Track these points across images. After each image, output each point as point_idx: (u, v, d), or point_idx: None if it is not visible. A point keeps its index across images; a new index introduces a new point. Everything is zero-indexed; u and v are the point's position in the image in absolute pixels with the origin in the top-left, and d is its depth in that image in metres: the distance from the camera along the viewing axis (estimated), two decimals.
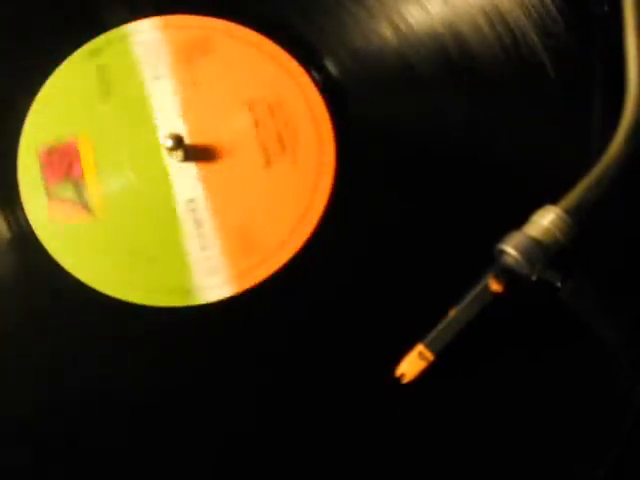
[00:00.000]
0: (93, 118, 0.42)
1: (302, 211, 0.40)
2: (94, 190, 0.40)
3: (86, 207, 0.40)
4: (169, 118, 0.42)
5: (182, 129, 0.41)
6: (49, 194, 0.40)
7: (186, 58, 0.43)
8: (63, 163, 0.40)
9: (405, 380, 0.36)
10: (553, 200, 0.37)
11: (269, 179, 0.40)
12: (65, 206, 0.40)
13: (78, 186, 0.40)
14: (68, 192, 0.40)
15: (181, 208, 0.40)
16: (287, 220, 0.40)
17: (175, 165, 0.41)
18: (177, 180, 0.40)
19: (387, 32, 0.43)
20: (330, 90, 0.42)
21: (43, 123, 0.42)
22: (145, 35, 0.43)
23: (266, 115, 0.41)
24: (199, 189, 0.40)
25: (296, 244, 0.39)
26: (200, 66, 0.42)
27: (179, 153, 0.40)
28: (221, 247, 0.39)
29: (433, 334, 0.36)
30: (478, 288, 0.37)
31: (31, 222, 0.40)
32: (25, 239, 0.39)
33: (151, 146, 0.41)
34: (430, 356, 0.36)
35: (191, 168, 0.41)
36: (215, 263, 0.39)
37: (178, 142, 0.40)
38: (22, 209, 0.40)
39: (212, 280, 0.39)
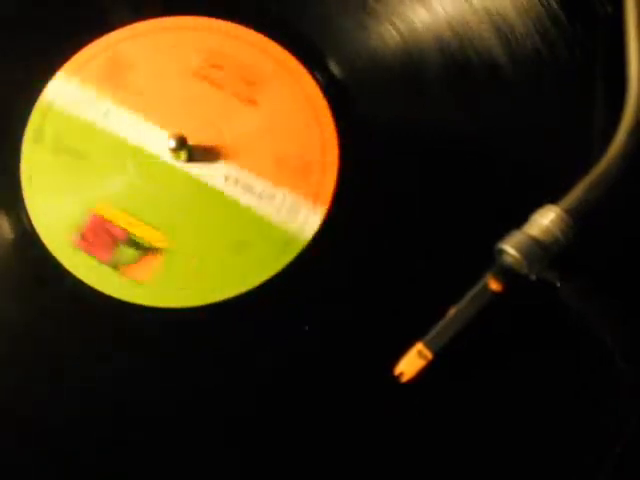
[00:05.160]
0: (92, 186, 0.41)
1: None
2: (144, 232, 0.40)
3: (152, 250, 0.40)
4: (149, 134, 0.42)
5: (169, 135, 0.41)
6: (116, 267, 0.40)
7: (110, 82, 0.43)
8: (103, 238, 0.40)
9: (404, 379, 0.36)
10: (553, 199, 0.37)
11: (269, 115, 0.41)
12: (138, 264, 0.40)
13: (133, 242, 0.40)
14: (129, 252, 0.40)
15: (225, 190, 0.40)
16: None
17: (186, 165, 0.41)
18: (201, 172, 0.41)
19: (390, 33, 0.43)
20: (333, 91, 0.42)
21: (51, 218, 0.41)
22: (64, 89, 0.43)
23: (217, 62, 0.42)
24: (222, 166, 0.41)
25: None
26: (128, 79, 0.43)
27: (183, 153, 0.40)
28: (282, 187, 0.40)
29: (432, 333, 0.36)
30: (478, 287, 0.37)
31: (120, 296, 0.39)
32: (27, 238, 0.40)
33: (158, 164, 0.41)
34: (429, 355, 0.36)
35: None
36: (290, 201, 0.40)
37: (181, 143, 0.40)
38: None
39: (301, 216, 0.40)
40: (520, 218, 0.38)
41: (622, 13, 0.41)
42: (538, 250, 0.36)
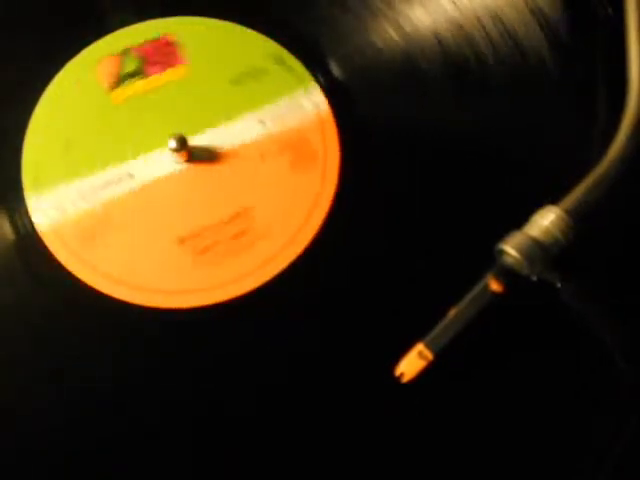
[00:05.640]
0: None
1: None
2: None
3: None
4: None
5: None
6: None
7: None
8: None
9: (404, 379, 0.36)
10: (554, 200, 0.38)
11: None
12: None
13: None
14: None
15: None
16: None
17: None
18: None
19: (391, 34, 0.43)
20: (334, 92, 0.42)
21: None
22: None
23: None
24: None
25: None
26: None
27: (183, 154, 0.40)
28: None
29: (433, 333, 0.36)
30: (478, 288, 0.37)
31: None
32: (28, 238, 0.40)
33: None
34: (430, 355, 0.36)
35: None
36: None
37: (182, 143, 0.40)
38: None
39: None
40: (520, 219, 0.38)
41: (623, 15, 0.41)
42: (538, 251, 0.36)
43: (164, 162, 0.41)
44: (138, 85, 0.42)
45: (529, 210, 0.38)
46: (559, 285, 0.37)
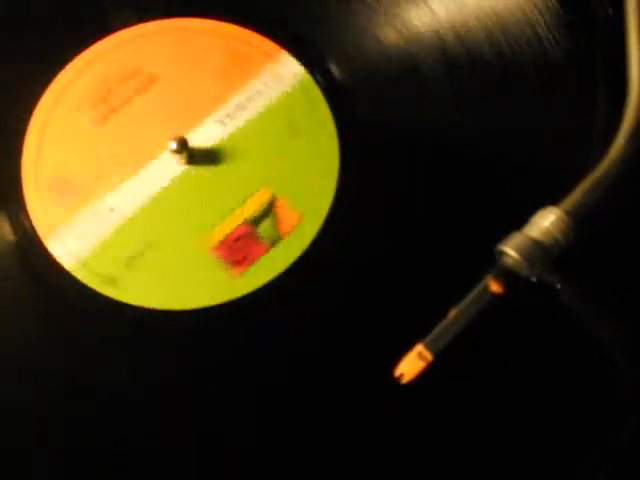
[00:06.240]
0: None
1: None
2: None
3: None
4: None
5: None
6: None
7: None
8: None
9: (404, 380, 0.36)
10: (554, 201, 0.38)
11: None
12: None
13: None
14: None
15: None
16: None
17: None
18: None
19: (391, 34, 0.43)
20: (334, 93, 0.42)
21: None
22: None
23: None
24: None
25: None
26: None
27: (183, 156, 0.40)
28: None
29: (433, 334, 0.36)
30: (478, 289, 0.37)
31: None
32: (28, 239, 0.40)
33: None
34: (429, 356, 0.36)
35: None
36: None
37: (182, 145, 0.40)
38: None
39: None
40: (520, 220, 0.38)
41: (623, 15, 0.41)
42: (538, 252, 0.36)
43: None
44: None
45: (529, 211, 0.38)
46: (559, 286, 0.37)
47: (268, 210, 0.40)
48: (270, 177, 0.41)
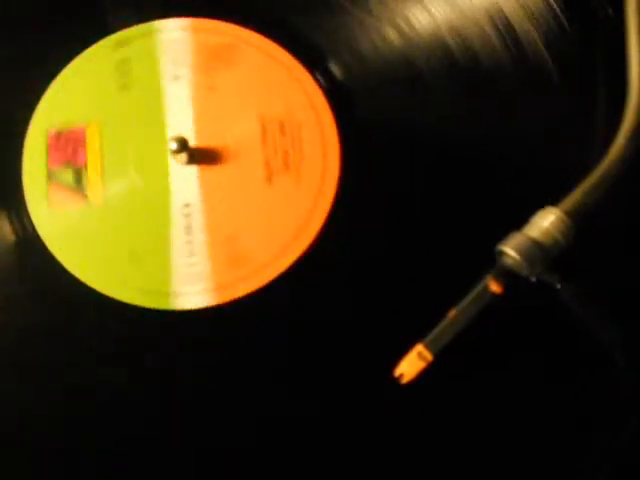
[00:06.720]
0: (106, 108, 0.42)
1: (296, 230, 0.40)
2: (94, 180, 0.40)
3: (83, 195, 0.40)
4: (180, 119, 0.42)
5: (191, 131, 0.41)
6: (50, 177, 0.40)
7: (208, 63, 0.43)
8: (68, 148, 0.41)
9: (404, 380, 0.36)
10: (554, 201, 0.38)
11: (268, 194, 0.40)
12: (63, 192, 0.40)
13: (79, 173, 0.40)
14: (68, 177, 0.40)
15: (175, 211, 0.40)
16: (281, 237, 0.40)
17: (178, 168, 0.41)
18: (177, 183, 0.41)
19: (392, 35, 0.43)
20: (335, 94, 0.42)
21: (57, 106, 0.42)
22: (173, 34, 0.43)
23: (275, 132, 0.41)
24: (197, 195, 0.40)
25: (287, 261, 0.39)
26: (220, 73, 0.42)
27: (183, 156, 0.40)
28: (208, 256, 0.39)
29: (433, 334, 0.36)
30: (478, 289, 0.37)
31: (31, 214, 0.40)
32: (28, 239, 0.40)
33: (157, 145, 0.41)
34: (429, 356, 0.36)
35: (192, 173, 0.41)
36: (199, 271, 0.39)
37: (183, 145, 0.40)
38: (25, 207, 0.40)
39: (192, 287, 0.39)
40: (520, 220, 0.38)
41: (623, 15, 0.41)
42: (538, 252, 0.36)
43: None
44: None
45: (529, 211, 0.38)
46: (559, 286, 0.37)
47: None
48: None
